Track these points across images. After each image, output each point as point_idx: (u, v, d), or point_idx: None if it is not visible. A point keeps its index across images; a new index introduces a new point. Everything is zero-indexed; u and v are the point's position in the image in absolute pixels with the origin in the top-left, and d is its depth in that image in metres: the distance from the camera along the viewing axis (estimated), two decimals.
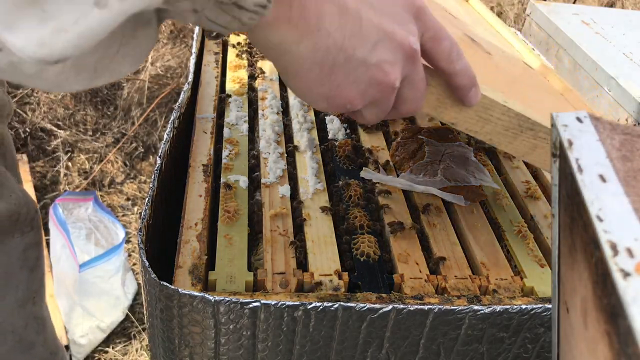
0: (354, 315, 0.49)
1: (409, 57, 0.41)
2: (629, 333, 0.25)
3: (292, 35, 0.38)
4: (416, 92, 0.43)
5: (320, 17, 0.38)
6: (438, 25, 0.43)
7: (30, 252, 0.64)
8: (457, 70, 0.44)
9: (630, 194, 0.30)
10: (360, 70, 0.40)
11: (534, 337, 0.54)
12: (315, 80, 0.40)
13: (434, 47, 0.43)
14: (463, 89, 0.46)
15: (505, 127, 0.51)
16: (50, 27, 0.27)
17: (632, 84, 0.95)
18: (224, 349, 0.52)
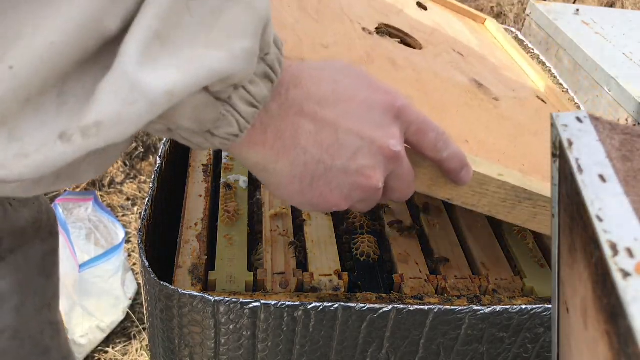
0: (354, 315, 0.49)
1: (390, 159, 0.41)
2: (629, 333, 0.25)
3: (268, 156, 0.39)
4: (403, 183, 0.44)
5: (295, 137, 0.38)
6: (422, 119, 0.43)
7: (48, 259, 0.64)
8: (444, 157, 0.45)
9: (630, 194, 0.30)
10: (341, 177, 0.41)
11: (534, 337, 0.54)
12: (297, 192, 0.41)
13: (420, 140, 0.44)
14: (453, 172, 0.47)
15: (503, 199, 0.51)
16: (13, 151, 0.27)
17: (632, 84, 0.95)
18: (224, 349, 0.52)
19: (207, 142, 0.35)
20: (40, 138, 0.27)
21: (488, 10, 2.68)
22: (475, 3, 2.73)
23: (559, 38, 1.15)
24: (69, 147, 0.27)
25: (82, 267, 1.34)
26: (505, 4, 2.68)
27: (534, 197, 0.51)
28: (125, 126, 0.28)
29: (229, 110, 0.34)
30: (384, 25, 0.75)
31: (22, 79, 0.27)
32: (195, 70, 0.30)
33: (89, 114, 0.27)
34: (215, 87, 0.32)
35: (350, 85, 0.41)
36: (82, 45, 0.28)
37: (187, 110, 0.32)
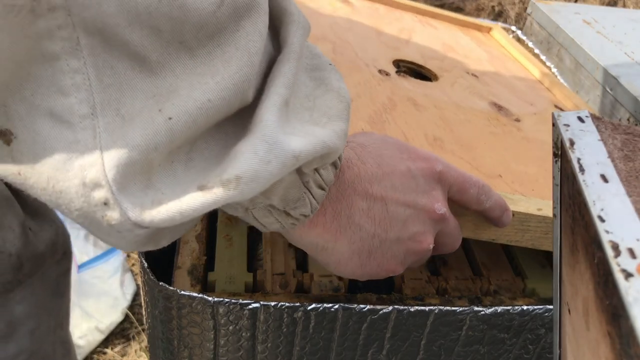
0: (354, 316, 0.49)
1: (437, 221, 0.44)
2: (631, 334, 0.25)
3: (327, 236, 0.41)
4: (451, 238, 0.47)
5: (350, 215, 0.41)
6: (461, 178, 0.45)
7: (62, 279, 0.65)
8: (487, 208, 0.48)
9: (632, 194, 0.30)
10: (395, 247, 0.43)
11: (535, 337, 0.54)
12: (357, 266, 0.43)
13: (462, 197, 0.46)
14: (496, 219, 0.49)
15: (545, 232, 0.52)
16: (149, 197, 0.30)
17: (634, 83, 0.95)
18: (223, 350, 0.51)
19: (275, 223, 0.38)
20: (177, 188, 0.30)
21: (489, 9, 2.68)
22: (476, 2, 2.73)
23: (560, 37, 1.15)
24: (210, 196, 0.30)
25: (81, 267, 1.34)
26: (506, 3, 2.68)
27: None
28: (259, 183, 0.31)
29: (306, 192, 0.37)
30: (399, 61, 0.77)
31: (176, 132, 0.29)
32: (314, 138, 0.33)
33: (230, 169, 0.30)
34: (310, 165, 0.35)
35: (391, 157, 0.43)
36: (230, 106, 0.31)
37: (282, 187, 0.35)
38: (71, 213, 0.30)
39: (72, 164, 0.29)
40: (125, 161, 0.29)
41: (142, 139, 0.29)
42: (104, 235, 0.32)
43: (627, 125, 0.35)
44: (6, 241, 0.54)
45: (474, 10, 2.69)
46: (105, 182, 0.29)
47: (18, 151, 0.29)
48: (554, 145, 0.36)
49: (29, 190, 0.30)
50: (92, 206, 0.29)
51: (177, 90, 0.29)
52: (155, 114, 0.29)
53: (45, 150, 0.28)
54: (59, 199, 0.30)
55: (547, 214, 0.51)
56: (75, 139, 0.28)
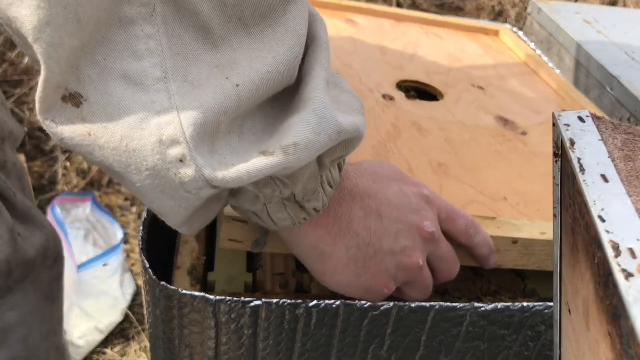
0: (355, 312, 0.49)
1: (426, 239, 0.45)
2: (631, 334, 0.25)
3: (327, 239, 0.42)
4: (445, 264, 0.48)
5: (349, 221, 0.43)
6: (450, 207, 0.47)
7: (54, 285, 0.64)
8: (475, 243, 0.49)
9: (633, 194, 0.30)
10: (388, 259, 0.44)
11: (536, 334, 0.54)
12: (353, 275, 0.44)
13: (451, 227, 0.47)
14: (483, 258, 0.50)
15: (549, 254, 0.53)
16: (215, 160, 0.32)
17: (635, 83, 0.95)
18: (224, 349, 0.52)
19: (287, 220, 0.39)
20: (238, 152, 0.33)
21: (489, 9, 2.68)
22: (476, 2, 2.73)
23: (561, 37, 1.15)
24: (273, 159, 0.33)
25: (81, 267, 1.34)
26: (506, 2, 2.68)
27: None
28: (312, 150, 0.34)
29: (320, 187, 0.39)
30: (403, 82, 0.77)
31: (243, 98, 0.32)
32: (350, 120, 0.36)
33: (288, 138, 0.33)
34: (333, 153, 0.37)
35: (385, 176, 0.46)
36: (283, 81, 0.34)
37: (307, 175, 0.37)
38: (140, 174, 0.32)
39: (149, 122, 0.30)
40: (201, 121, 0.30)
41: (214, 102, 0.31)
42: (167, 197, 0.33)
43: (628, 125, 0.35)
44: None
45: (474, 10, 2.69)
46: (184, 139, 0.30)
47: (89, 113, 0.30)
48: (555, 145, 0.36)
49: (95, 153, 0.31)
50: (166, 163, 0.31)
51: (237, 62, 0.32)
52: (223, 81, 0.31)
53: (119, 110, 0.30)
54: (130, 159, 0.31)
55: (550, 237, 0.52)
56: (150, 100, 0.30)
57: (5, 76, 1.97)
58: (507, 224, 0.53)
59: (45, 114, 0.31)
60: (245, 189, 0.37)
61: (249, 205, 0.39)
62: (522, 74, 0.89)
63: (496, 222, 0.53)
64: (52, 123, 0.31)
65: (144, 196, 0.34)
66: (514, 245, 0.52)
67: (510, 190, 0.59)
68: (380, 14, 1.01)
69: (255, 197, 0.38)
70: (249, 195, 0.38)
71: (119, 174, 0.33)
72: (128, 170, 0.32)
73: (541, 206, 0.57)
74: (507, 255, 0.52)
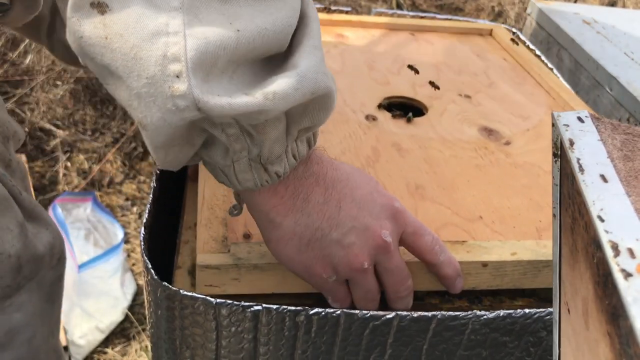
0: (356, 322, 0.49)
1: (379, 247, 0.46)
2: (631, 333, 0.25)
3: (280, 209, 0.45)
4: (393, 277, 0.48)
5: (306, 200, 0.45)
6: (418, 223, 0.49)
7: (55, 286, 0.64)
8: (441, 261, 0.49)
9: (632, 194, 0.30)
10: (333, 247, 0.46)
11: (537, 340, 0.53)
12: (294, 249, 0.46)
13: (417, 241, 0.49)
14: (449, 279, 0.51)
15: (523, 273, 0.53)
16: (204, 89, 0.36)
17: (634, 83, 0.95)
18: (225, 352, 0.52)
19: (250, 180, 0.43)
20: (226, 89, 0.37)
21: (489, 9, 2.68)
22: (476, 2, 2.73)
23: (560, 37, 1.15)
24: (253, 100, 0.37)
25: (81, 267, 1.34)
26: (506, 3, 2.68)
27: (550, 264, 0.53)
28: (287, 101, 0.38)
29: (285, 154, 0.43)
30: (388, 98, 0.78)
31: (241, 42, 0.37)
32: (326, 79, 0.41)
33: (270, 87, 0.38)
34: (301, 121, 0.42)
35: (361, 180, 0.48)
36: (277, 43, 0.39)
37: (274, 136, 0.41)
38: (140, 80, 0.36)
39: (159, 39, 0.35)
40: (202, 49, 0.36)
41: (216, 37, 0.36)
42: (156, 107, 0.37)
43: (627, 126, 0.35)
44: (5, 242, 0.54)
45: (474, 11, 2.69)
46: (184, 58, 0.35)
47: (111, 20, 0.36)
48: (554, 145, 0.36)
49: (106, 55, 0.37)
50: (165, 75, 0.36)
51: (241, 15, 0.37)
52: (227, 25, 0.37)
53: (137, 24, 0.36)
54: (135, 65, 0.36)
55: (521, 257, 0.53)
56: (165, 22, 0.35)
57: (6, 76, 1.97)
58: (477, 247, 0.53)
59: (73, 12, 0.37)
60: (217, 141, 0.41)
61: (219, 159, 0.42)
62: (513, 76, 0.89)
63: (466, 245, 0.54)
64: (77, 21, 0.37)
65: (137, 104, 0.38)
66: (485, 267, 0.53)
67: (487, 207, 0.59)
68: (370, 25, 1.01)
69: (225, 152, 0.42)
70: (220, 148, 0.42)
71: (121, 78, 0.37)
72: (130, 75, 0.36)
73: (517, 222, 0.58)
74: (480, 277, 0.53)
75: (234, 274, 0.50)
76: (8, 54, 2.01)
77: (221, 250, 0.50)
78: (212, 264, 0.49)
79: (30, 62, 2.00)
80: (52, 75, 1.99)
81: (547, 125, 0.76)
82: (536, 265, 0.53)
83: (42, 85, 1.97)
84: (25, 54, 2.01)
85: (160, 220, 0.62)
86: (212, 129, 0.40)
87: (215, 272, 0.49)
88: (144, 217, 0.56)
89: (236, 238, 0.52)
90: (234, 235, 0.52)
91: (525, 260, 0.53)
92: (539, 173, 0.66)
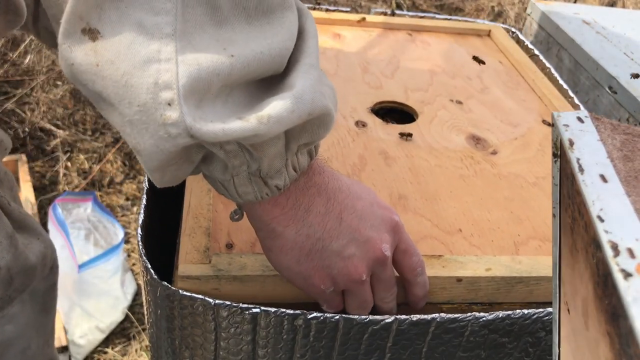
0: (355, 326, 0.49)
1: (378, 260, 0.47)
2: (630, 333, 0.25)
3: (281, 219, 0.45)
4: (382, 284, 0.49)
5: (307, 211, 0.45)
6: (410, 242, 0.49)
7: (49, 295, 0.64)
8: (417, 282, 0.50)
9: (632, 194, 0.30)
10: (333, 258, 0.46)
11: (536, 340, 0.54)
12: (295, 259, 0.46)
13: (404, 259, 0.49)
14: (417, 298, 0.52)
15: (496, 288, 0.54)
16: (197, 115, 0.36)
17: (633, 83, 0.95)
18: (223, 352, 0.52)
19: (250, 194, 0.43)
20: (220, 114, 0.37)
21: (489, 9, 2.68)
22: (476, 3, 2.73)
23: (560, 37, 1.15)
24: (247, 125, 0.37)
25: (81, 267, 1.34)
26: (505, 3, 2.68)
27: (524, 280, 0.54)
28: (282, 124, 0.38)
29: (284, 168, 0.43)
30: (380, 103, 0.78)
31: (235, 67, 0.37)
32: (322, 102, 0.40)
33: (264, 110, 0.37)
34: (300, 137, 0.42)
35: (362, 191, 0.48)
36: (273, 66, 0.39)
37: (273, 152, 0.41)
38: (131, 107, 0.36)
39: (150, 66, 0.35)
40: (194, 75, 0.35)
41: (209, 63, 0.36)
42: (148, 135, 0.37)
43: (627, 126, 0.35)
44: None
45: (474, 11, 2.69)
46: (176, 86, 0.35)
47: (102, 47, 0.35)
48: (554, 145, 0.36)
49: (97, 82, 0.36)
50: (156, 103, 0.35)
51: (235, 41, 0.37)
52: (221, 50, 0.36)
53: (129, 50, 0.35)
54: (126, 92, 0.36)
55: (495, 273, 0.53)
56: (157, 49, 0.35)
57: (6, 76, 1.97)
58: (453, 261, 0.54)
59: (64, 39, 0.36)
60: (216, 157, 0.41)
61: (218, 174, 0.42)
62: (507, 80, 0.89)
63: (442, 260, 0.54)
64: (68, 48, 0.36)
65: (130, 130, 0.37)
66: (459, 282, 0.53)
67: (467, 220, 0.60)
68: (368, 24, 1.01)
69: (224, 167, 0.42)
70: (219, 164, 0.42)
71: (113, 105, 0.37)
72: (122, 102, 0.36)
73: (495, 236, 0.58)
74: (454, 291, 0.53)
75: (214, 284, 0.50)
76: (8, 54, 2.01)
77: (202, 261, 0.50)
78: (193, 274, 0.49)
79: (31, 62, 2.00)
80: (52, 75, 1.99)
81: (535, 133, 0.76)
82: (509, 281, 0.54)
83: (42, 85, 1.97)
84: (25, 54, 2.01)
85: (160, 219, 0.62)
86: (210, 146, 0.39)
87: (196, 281, 0.50)
88: (139, 218, 0.56)
89: (219, 248, 0.53)
90: (217, 245, 0.53)
91: (499, 277, 0.53)
92: (522, 184, 0.66)
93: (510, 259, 0.55)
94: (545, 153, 0.72)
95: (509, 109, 0.81)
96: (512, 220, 0.60)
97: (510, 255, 0.56)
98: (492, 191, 0.64)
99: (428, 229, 0.58)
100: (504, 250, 0.57)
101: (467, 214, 0.60)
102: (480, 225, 0.59)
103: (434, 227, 0.58)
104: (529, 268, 0.54)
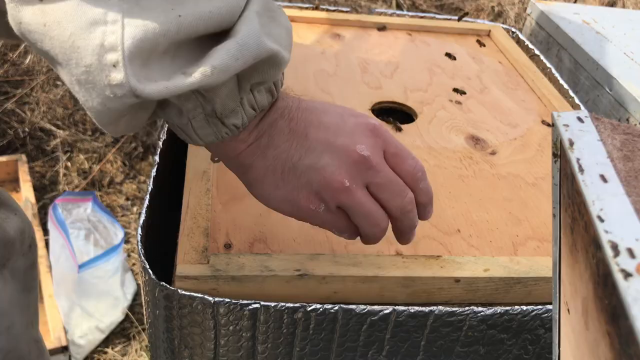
0: (354, 317, 0.49)
1: (356, 162, 0.44)
2: (630, 334, 0.25)
3: (248, 152, 0.45)
4: (389, 193, 0.45)
5: (271, 137, 0.45)
6: (399, 145, 0.47)
7: (29, 274, 0.64)
8: (420, 189, 0.47)
9: (632, 194, 0.30)
10: (310, 173, 0.45)
11: (535, 338, 0.54)
12: (271, 184, 0.46)
13: (398, 164, 0.46)
14: (422, 206, 0.48)
15: (495, 289, 0.54)
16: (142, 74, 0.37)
17: (633, 83, 0.95)
18: (223, 350, 0.52)
19: (211, 135, 0.43)
20: (165, 72, 0.38)
21: (489, 9, 2.68)
22: (476, 3, 2.72)
23: (560, 37, 1.15)
24: (191, 79, 0.38)
25: (81, 267, 1.34)
26: (505, 3, 2.68)
27: (522, 281, 0.54)
28: (227, 73, 0.39)
29: (239, 107, 0.43)
30: (379, 103, 0.78)
31: (182, 27, 0.37)
32: (271, 46, 0.40)
33: (208, 62, 0.38)
34: (251, 77, 0.42)
35: (329, 109, 0.47)
36: (221, 23, 0.39)
37: (224, 93, 0.41)
38: (78, 68, 0.37)
39: (97, 28, 0.35)
40: (140, 36, 0.36)
41: (156, 24, 0.36)
42: (96, 95, 0.37)
43: (627, 125, 0.35)
44: None
45: (474, 11, 2.68)
46: (121, 48, 0.36)
47: (50, 8, 0.36)
48: (554, 145, 0.36)
49: (45, 42, 0.36)
50: (101, 64, 0.36)
51: (185, 1, 0.37)
52: (168, 10, 0.36)
53: (76, 12, 0.35)
54: (72, 53, 0.36)
55: (493, 274, 0.53)
56: (104, 12, 0.35)
57: (6, 76, 1.97)
58: (451, 262, 0.54)
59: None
60: (170, 102, 0.41)
61: (175, 119, 0.43)
62: (507, 81, 0.89)
63: (440, 260, 0.54)
64: (16, 6, 0.36)
65: (78, 89, 0.38)
66: (457, 283, 0.53)
67: (466, 221, 0.60)
68: (368, 24, 1.01)
69: (179, 111, 0.42)
70: (173, 109, 0.42)
71: (61, 65, 0.37)
72: (69, 63, 0.37)
73: (494, 237, 0.58)
74: (452, 291, 0.53)
75: (212, 284, 0.50)
76: (8, 54, 2.01)
77: (201, 261, 0.50)
78: (191, 274, 0.49)
79: (30, 62, 2.00)
80: (52, 75, 1.99)
81: (534, 134, 0.76)
82: (507, 282, 0.54)
83: (42, 85, 1.97)
84: (25, 54, 2.01)
85: (160, 219, 0.62)
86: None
87: (194, 282, 0.50)
88: (140, 218, 0.56)
89: (217, 248, 0.53)
90: (215, 245, 0.53)
91: (497, 277, 0.53)
92: (520, 185, 0.66)
93: (508, 260, 0.55)
94: (545, 154, 0.72)
95: (509, 109, 0.81)
96: (510, 220, 0.60)
97: (509, 255, 0.56)
98: (490, 192, 0.64)
99: (427, 230, 0.58)
100: (503, 250, 0.57)
101: (466, 214, 0.60)
102: (479, 226, 0.59)
103: (433, 227, 0.58)
104: (528, 269, 0.54)
